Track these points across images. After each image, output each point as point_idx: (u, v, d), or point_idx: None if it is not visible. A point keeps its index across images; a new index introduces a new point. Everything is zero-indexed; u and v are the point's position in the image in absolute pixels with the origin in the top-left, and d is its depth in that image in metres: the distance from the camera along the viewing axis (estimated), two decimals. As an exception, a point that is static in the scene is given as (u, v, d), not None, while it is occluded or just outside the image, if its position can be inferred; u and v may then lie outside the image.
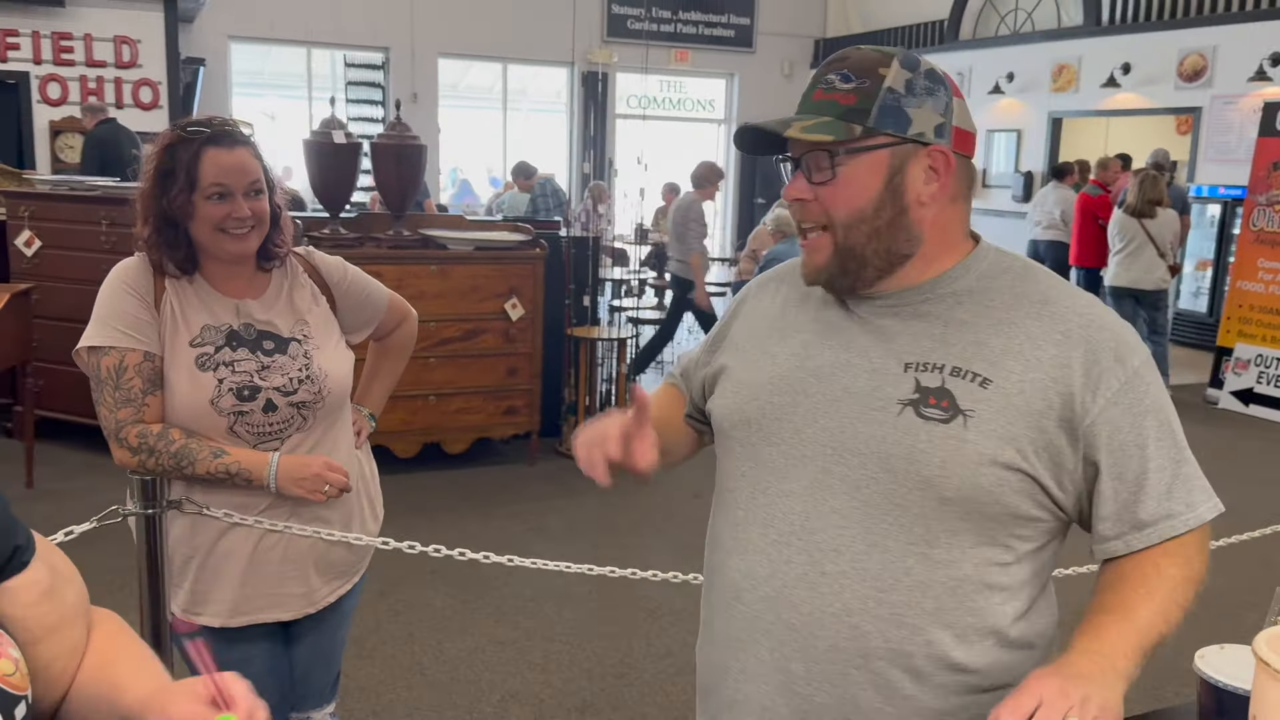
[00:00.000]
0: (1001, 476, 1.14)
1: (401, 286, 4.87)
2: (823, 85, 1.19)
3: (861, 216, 1.18)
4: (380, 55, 12.49)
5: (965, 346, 1.18)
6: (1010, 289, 1.21)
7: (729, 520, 1.29)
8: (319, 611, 2.03)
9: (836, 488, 1.19)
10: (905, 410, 1.16)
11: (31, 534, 1.00)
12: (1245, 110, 9.32)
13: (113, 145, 7.72)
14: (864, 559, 1.17)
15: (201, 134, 1.82)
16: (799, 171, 1.21)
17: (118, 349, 1.80)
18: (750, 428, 1.27)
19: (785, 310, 1.33)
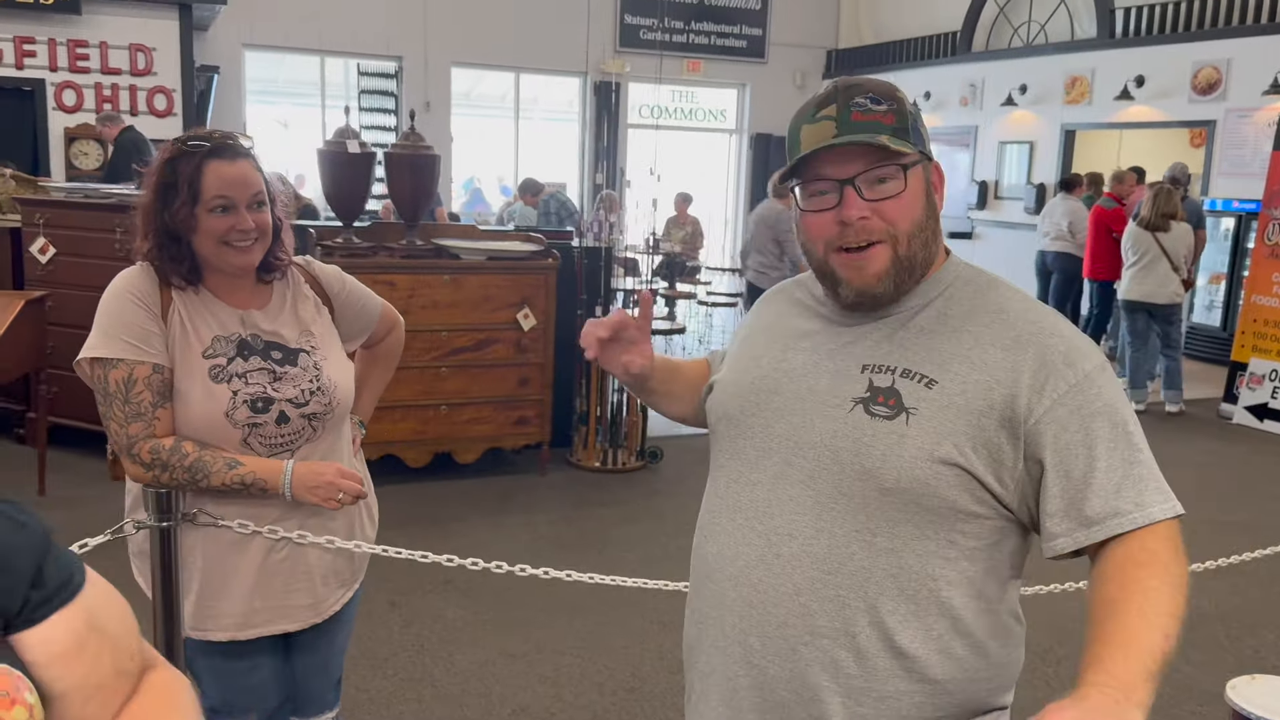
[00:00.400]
0: (938, 471, 1.22)
1: (414, 296, 4.90)
2: (857, 108, 1.25)
3: (920, 227, 1.29)
4: (393, 64, 12.53)
5: (918, 350, 1.28)
6: (970, 300, 1.32)
7: (708, 506, 1.43)
8: (322, 621, 2.03)
9: (794, 478, 1.30)
10: (856, 408, 1.27)
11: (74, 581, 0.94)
12: (1259, 124, 9.29)
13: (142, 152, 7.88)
14: (812, 543, 1.28)
15: (203, 147, 1.82)
16: (848, 190, 1.26)
17: (126, 361, 1.78)
18: (730, 423, 1.40)
19: (776, 321, 1.46)
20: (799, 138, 1.30)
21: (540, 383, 5.28)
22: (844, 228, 1.27)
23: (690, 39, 13.89)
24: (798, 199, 1.33)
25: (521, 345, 5.19)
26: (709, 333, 10.01)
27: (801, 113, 1.32)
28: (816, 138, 1.26)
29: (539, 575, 2.31)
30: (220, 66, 11.20)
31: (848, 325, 1.35)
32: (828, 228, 1.28)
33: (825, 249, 1.30)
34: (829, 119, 1.26)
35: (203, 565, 1.88)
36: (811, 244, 1.33)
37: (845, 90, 1.28)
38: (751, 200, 14.89)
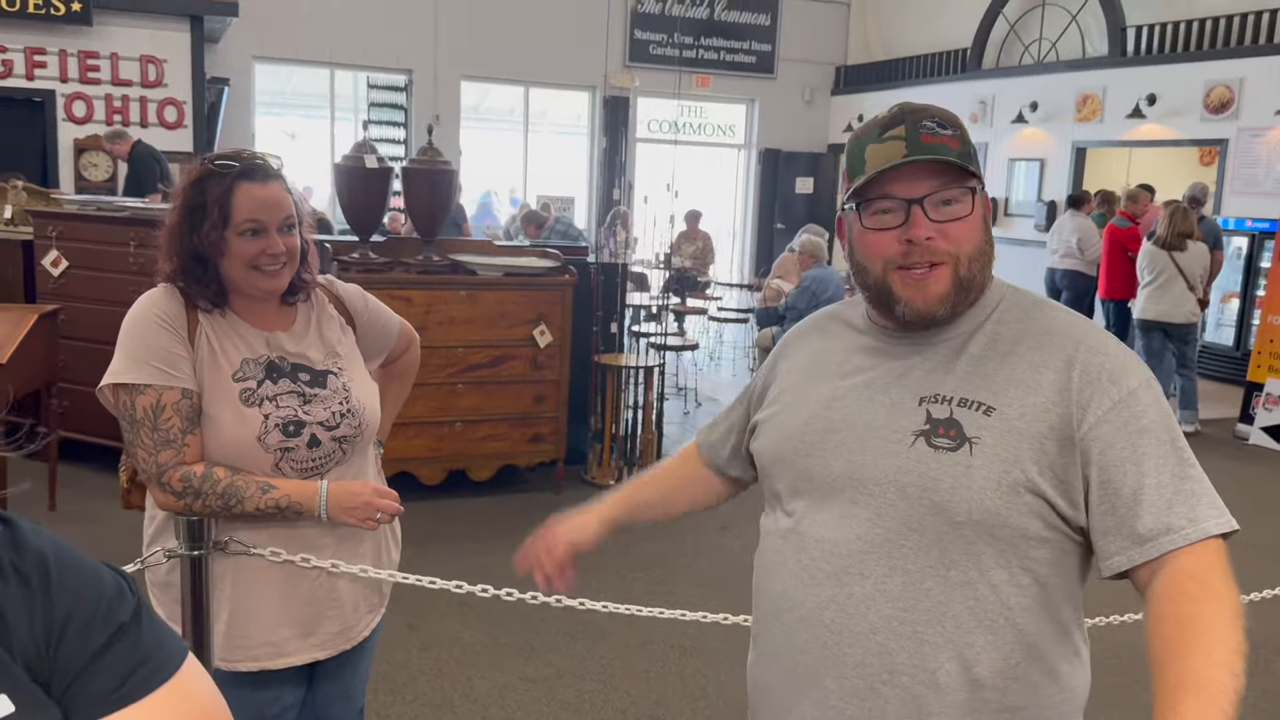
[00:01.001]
0: (1008, 499, 1.22)
1: (431, 312, 4.85)
2: (926, 130, 1.26)
3: (980, 250, 1.30)
4: (403, 77, 12.53)
5: (972, 378, 1.28)
6: (1018, 321, 1.32)
7: (770, 546, 1.41)
8: (351, 648, 1.98)
9: (861, 516, 1.29)
10: (917, 441, 1.27)
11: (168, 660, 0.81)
12: (1272, 143, 9.26)
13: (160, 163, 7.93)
14: (886, 582, 1.26)
15: (232, 168, 1.76)
16: (916, 210, 1.26)
17: (154, 387, 1.72)
18: (785, 464, 1.39)
19: (816, 358, 1.44)
20: (864, 157, 1.29)
21: (555, 400, 5.23)
22: (909, 247, 1.27)
23: (700, 54, 13.90)
24: (859, 217, 1.31)
25: (537, 362, 5.14)
26: (719, 348, 9.95)
27: (864, 133, 1.32)
28: (885, 157, 1.26)
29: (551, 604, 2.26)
30: (230, 78, 11.20)
31: (899, 356, 1.34)
32: (889, 246, 1.28)
33: (884, 267, 1.30)
34: (898, 139, 1.26)
35: (232, 594, 1.82)
36: (869, 262, 1.32)
37: (912, 113, 1.29)
38: (760, 216, 14.88)
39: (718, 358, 9.69)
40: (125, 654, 0.79)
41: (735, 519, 5.17)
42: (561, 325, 5.15)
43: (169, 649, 0.82)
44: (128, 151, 8.12)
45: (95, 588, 0.80)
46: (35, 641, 0.76)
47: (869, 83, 14.41)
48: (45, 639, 0.76)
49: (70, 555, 0.81)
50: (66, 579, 0.79)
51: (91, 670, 0.77)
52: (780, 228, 14.23)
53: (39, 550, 0.79)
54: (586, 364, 5.58)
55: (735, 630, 2.12)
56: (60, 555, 0.80)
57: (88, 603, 0.79)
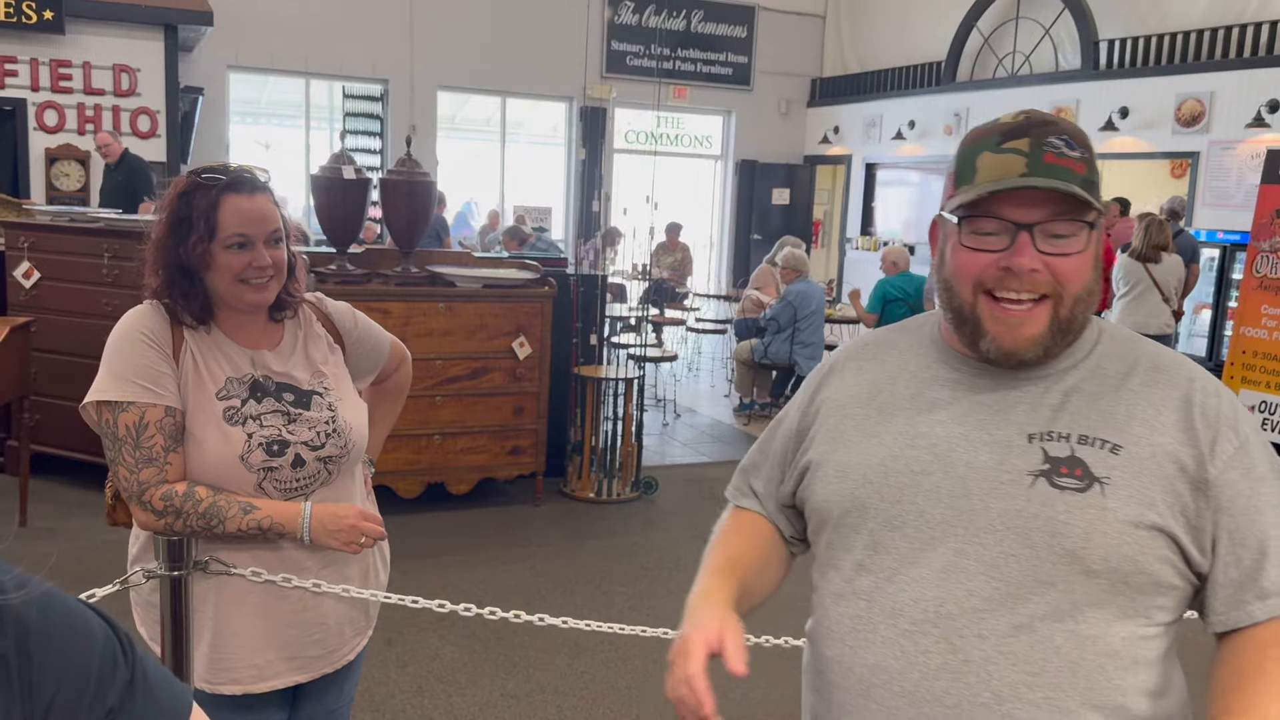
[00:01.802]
0: (1145, 543, 1.11)
1: (409, 324, 4.82)
2: (1051, 149, 1.13)
3: (1089, 289, 1.17)
4: (379, 87, 12.48)
5: (1088, 414, 1.16)
6: (1119, 356, 1.21)
7: (848, 612, 1.21)
8: (334, 671, 1.95)
9: (972, 569, 1.14)
10: (1038, 481, 1.13)
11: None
12: (1243, 156, 9.38)
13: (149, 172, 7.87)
14: (1010, 642, 1.12)
15: (219, 180, 1.73)
16: (1024, 236, 1.13)
17: (138, 404, 1.69)
18: (865, 513, 1.21)
19: (877, 389, 1.28)
20: (975, 164, 1.16)
21: (535, 412, 5.21)
22: (1006, 274, 1.14)
23: (676, 66, 13.93)
24: (959, 231, 1.17)
25: (516, 374, 5.11)
26: (698, 359, 9.95)
27: (981, 136, 1.18)
28: (1000, 171, 1.14)
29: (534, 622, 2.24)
30: (205, 88, 11.11)
31: (987, 389, 1.20)
32: (985, 269, 1.15)
33: (975, 290, 1.17)
34: (1018, 153, 1.13)
35: (215, 615, 1.79)
36: (959, 282, 1.18)
37: (1039, 126, 1.15)
38: (737, 227, 14.92)
39: (696, 369, 9.69)
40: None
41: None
42: (541, 337, 5.13)
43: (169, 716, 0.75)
44: (119, 155, 8.05)
45: (82, 664, 0.71)
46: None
47: (844, 95, 14.50)
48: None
49: (55, 617, 0.71)
50: (50, 655, 0.69)
51: None
52: (757, 239, 14.26)
53: (19, 617, 0.68)
54: (566, 376, 5.56)
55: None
56: (44, 620, 0.70)
57: (73, 684, 0.70)
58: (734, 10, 14.13)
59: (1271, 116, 9.13)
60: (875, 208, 14.42)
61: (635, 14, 13.60)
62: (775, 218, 14.34)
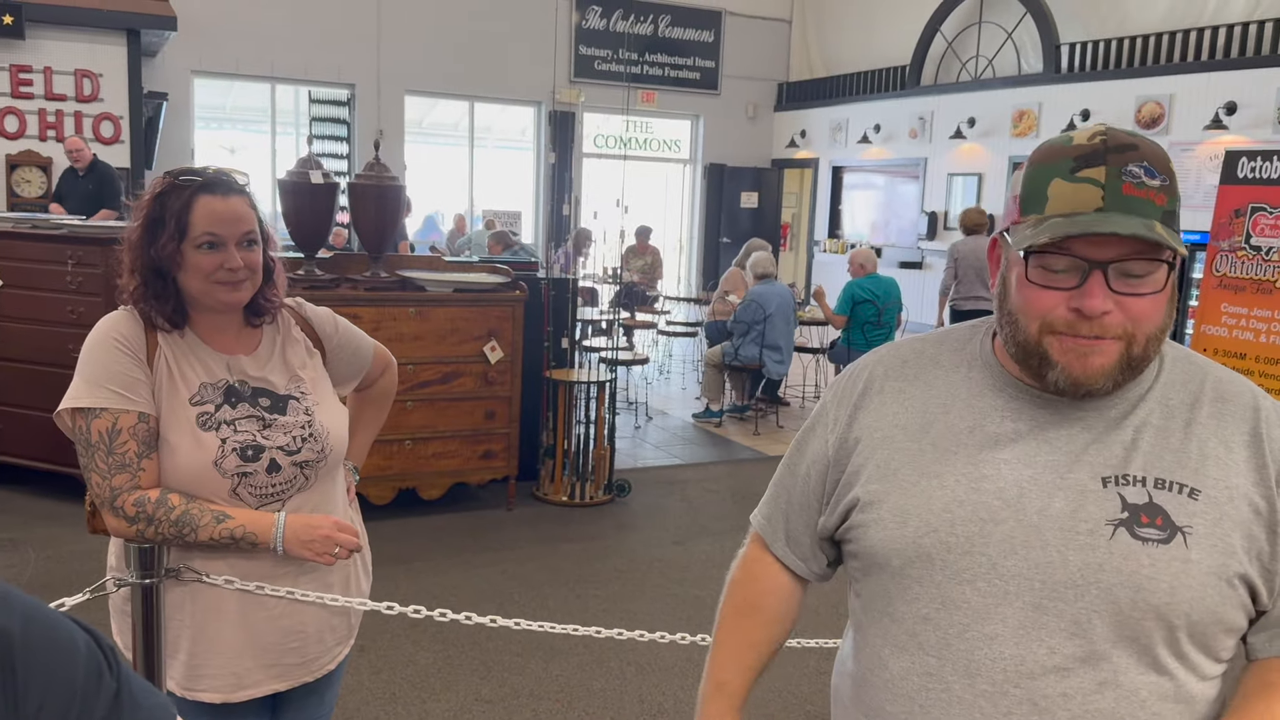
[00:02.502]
0: (1226, 593, 1.08)
1: (379, 329, 4.79)
2: (1130, 179, 1.04)
3: (1164, 327, 1.09)
4: (346, 91, 12.41)
5: (1161, 455, 1.10)
6: (1182, 384, 1.15)
7: (915, 668, 1.15)
8: (314, 680, 1.94)
9: (1052, 626, 1.08)
10: (1118, 532, 1.08)
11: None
12: (1202, 157, 9.54)
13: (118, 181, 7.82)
14: (1095, 699, 1.08)
15: (194, 182, 1.73)
16: (1096, 276, 1.05)
17: (110, 410, 1.68)
18: (931, 564, 1.13)
19: (928, 418, 1.19)
20: (1047, 192, 1.07)
21: (507, 416, 5.20)
22: (1076, 316, 1.06)
23: (645, 70, 13.98)
24: (1025, 265, 1.09)
25: (488, 378, 5.10)
26: (669, 362, 9.97)
27: (1053, 158, 1.08)
28: (1073, 202, 1.05)
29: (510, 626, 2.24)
30: (169, 93, 11.00)
31: (1053, 424, 1.13)
32: (1053, 309, 1.07)
33: (1041, 330, 1.09)
34: (1094, 183, 1.04)
35: (192, 623, 1.77)
36: (1024, 318, 1.10)
37: (1116, 151, 1.05)
38: (706, 230, 14.98)
39: (667, 372, 9.71)
40: None
41: (689, 534, 5.17)
42: (512, 341, 5.13)
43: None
44: (89, 162, 7.96)
45: (66, 679, 0.71)
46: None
47: (811, 99, 14.60)
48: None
49: (40, 631, 0.71)
50: (35, 669, 0.69)
51: None
52: (726, 241, 14.33)
53: (3, 631, 0.69)
54: (537, 379, 5.56)
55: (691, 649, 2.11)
56: (28, 634, 0.70)
57: (61, 698, 0.70)
58: (701, 15, 14.20)
59: (1229, 118, 9.31)
60: (842, 210, 14.53)
61: (603, 19, 13.63)
62: (744, 221, 14.41)
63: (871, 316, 7.53)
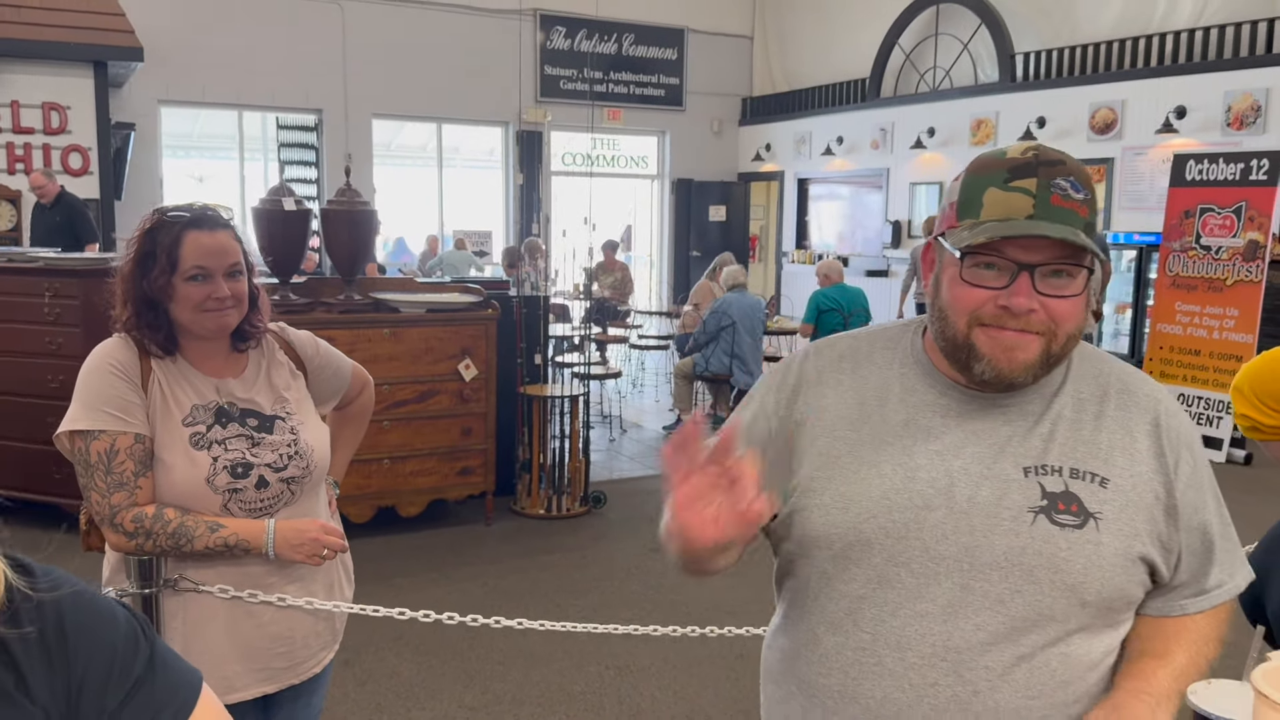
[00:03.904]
0: (1132, 573, 1.21)
1: (354, 350, 4.88)
2: (1058, 191, 1.15)
3: (1081, 327, 1.20)
4: (313, 116, 12.49)
5: (1075, 446, 1.22)
6: (1091, 379, 1.27)
7: (849, 644, 1.24)
8: (301, 682, 2.04)
9: (977, 604, 1.18)
10: (1038, 519, 1.18)
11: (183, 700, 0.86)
12: (1154, 160, 9.80)
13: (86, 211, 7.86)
14: (1013, 671, 1.18)
15: (182, 217, 1.86)
16: (1024, 277, 1.15)
17: (108, 432, 1.79)
18: (870, 548, 1.21)
19: (865, 411, 1.27)
20: (981, 200, 1.17)
21: (483, 432, 5.30)
22: (1003, 312, 1.16)
23: (610, 89, 14.15)
24: (960, 265, 1.18)
25: (464, 396, 5.21)
26: (641, 375, 10.11)
27: (988, 168, 1.19)
28: (1006, 209, 1.15)
29: (491, 625, 2.35)
30: (136, 123, 11.04)
31: (978, 417, 1.23)
32: (983, 305, 1.17)
33: (970, 323, 1.18)
34: (1025, 193, 1.15)
35: (184, 631, 1.88)
36: (954, 314, 1.20)
37: (1047, 166, 1.16)
38: (675, 243, 15.14)
39: (640, 385, 9.84)
40: (142, 708, 0.84)
41: (664, 541, 5.28)
42: (486, 358, 5.24)
43: (184, 691, 0.88)
44: (54, 195, 8.01)
45: (108, 642, 0.84)
46: (55, 701, 0.80)
47: (774, 113, 14.82)
48: (65, 698, 0.81)
49: (83, 604, 0.84)
50: (81, 634, 0.82)
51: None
52: (696, 255, 14.48)
53: (55, 603, 0.81)
54: (512, 395, 5.67)
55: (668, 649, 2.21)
56: (75, 605, 0.83)
57: (102, 659, 0.83)
58: (664, 33, 14.40)
59: (1179, 122, 9.57)
60: (809, 221, 14.74)
61: (567, 39, 13.79)
62: (713, 234, 14.59)
63: (838, 324, 7.69)
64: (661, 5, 14.24)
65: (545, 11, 13.53)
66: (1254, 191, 7.25)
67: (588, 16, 13.66)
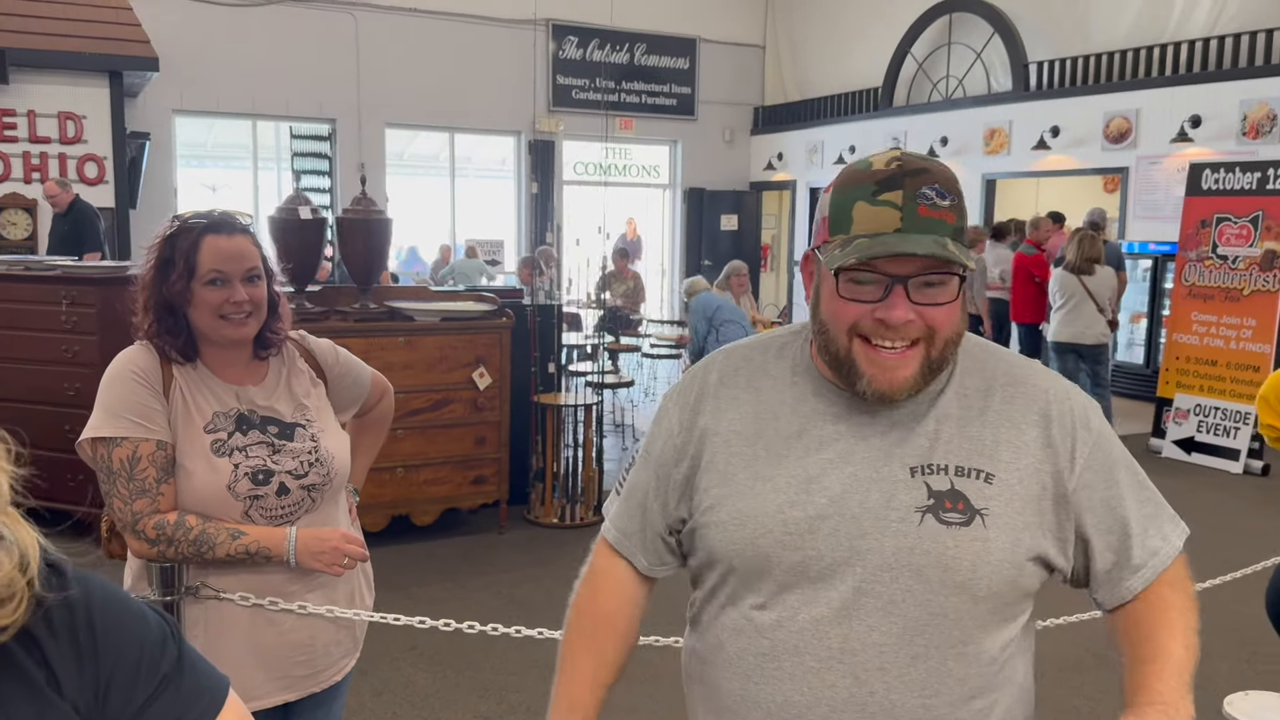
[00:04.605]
0: (1023, 566, 1.21)
1: (369, 358, 4.84)
2: (924, 201, 1.16)
3: (959, 330, 1.22)
4: (327, 126, 12.54)
5: (961, 444, 1.23)
6: (976, 373, 1.28)
7: (750, 649, 1.26)
8: (321, 691, 2.03)
9: (871, 606, 1.20)
10: (925, 517, 1.19)
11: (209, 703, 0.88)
12: (1169, 170, 9.76)
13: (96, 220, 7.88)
14: (908, 671, 1.20)
15: (200, 223, 1.86)
16: (898, 290, 1.17)
17: (130, 439, 1.79)
18: (768, 561, 1.23)
19: (760, 425, 1.29)
20: (851, 214, 1.18)
21: (497, 441, 5.30)
22: (880, 325, 1.18)
23: (622, 98, 14.17)
24: (835, 281, 1.19)
25: (478, 404, 5.20)
26: (654, 384, 10.10)
27: (854, 182, 1.20)
28: (875, 224, 1.16)
29: (511, 634, 2.34)
30: (151, 132, 11.10)
31: (866, 423, 1.24)
32: (860, 319, 1.19)
33: (849, 335, 1.20)
34: (892, 206, 1.16)
35: (205, 638, 1.87)
36: (834, 327, 1.21)
37: (911, 175, 1.17)
38: (687, 253, 15.15)
39: (652, 393, 9.83)
40: (167, 707, 0.85)
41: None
42: (500, 367, 5.24)
43: (211, 694, 0.88)
44: (67, 204, 8.04)
45: (137, 640, 0.85)
46: (83, 694, 0.82)
47: (786, 122, 14.83)
48: (94, 692, 0.82)
49: (113, 603, 0.85)
50: (110, 633, 0.84)
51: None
52: (708, 264, 14.47)
53: (84, 600, 0.83)
54: (525, 404, 5.66)
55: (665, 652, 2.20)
56: (105, 604, 0.85)
57: (130, 657, 0.84)
58: (676, 43, 14.43)
59: (1194, 131, 9.53)
60: (821, 231, 14.72)
61: (580, 48, 13.83)
62: (725, 243, 14.59)
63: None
64: (674, 15, 14.27)
65: (558, 21, 13.57)
66: (1271, 200, 7.21)
67: (600, 26, 13.70)
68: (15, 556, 0.77)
